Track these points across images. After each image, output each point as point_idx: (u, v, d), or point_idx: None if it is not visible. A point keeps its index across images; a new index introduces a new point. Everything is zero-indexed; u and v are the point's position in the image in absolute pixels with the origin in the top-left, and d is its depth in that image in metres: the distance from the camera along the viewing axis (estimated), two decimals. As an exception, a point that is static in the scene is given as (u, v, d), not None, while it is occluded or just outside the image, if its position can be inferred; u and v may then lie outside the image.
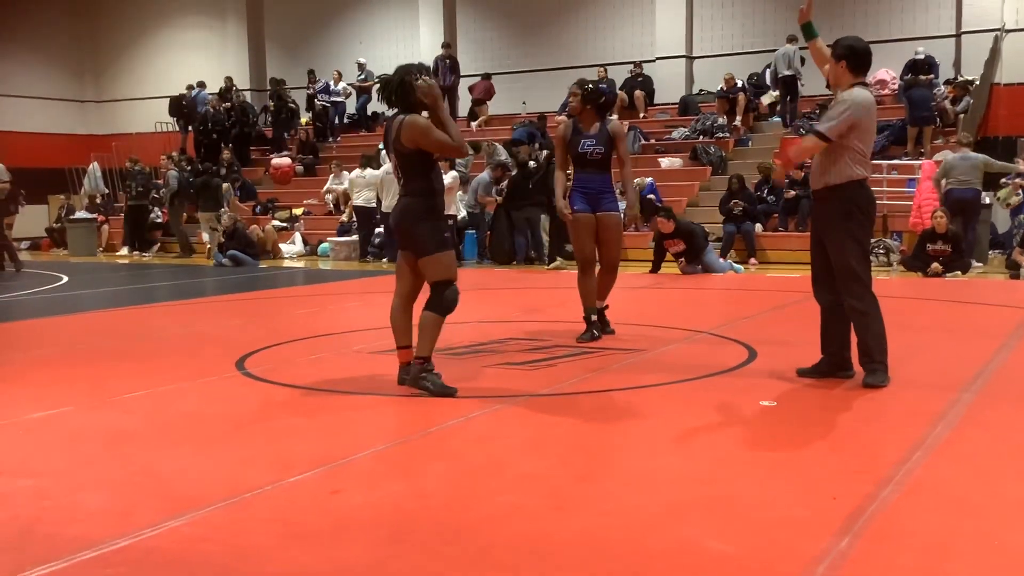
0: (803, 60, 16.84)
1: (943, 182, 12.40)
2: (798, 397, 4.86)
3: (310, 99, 21.28)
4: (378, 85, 5.13)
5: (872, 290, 5.08)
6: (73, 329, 8.16)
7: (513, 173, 14.69)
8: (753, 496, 3.25)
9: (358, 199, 15.21)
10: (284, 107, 21.18)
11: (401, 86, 4.92)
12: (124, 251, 18.19)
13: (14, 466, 3.78)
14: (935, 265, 11.22)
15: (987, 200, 13.17)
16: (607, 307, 6.83)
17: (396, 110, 5.03)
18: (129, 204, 18.40)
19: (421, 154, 4.90)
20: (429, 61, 20.59)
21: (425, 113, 4.94)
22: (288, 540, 2.89)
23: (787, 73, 16.72)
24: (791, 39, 16.91)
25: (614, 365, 5.77)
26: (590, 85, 6.65)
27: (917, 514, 3.06)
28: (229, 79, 21.83)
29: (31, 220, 20.77)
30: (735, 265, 12.80)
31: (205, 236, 17.59)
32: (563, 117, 6.60)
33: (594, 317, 6.63)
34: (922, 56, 16.46)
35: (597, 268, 6.73)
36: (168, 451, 3.97)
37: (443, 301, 4.92)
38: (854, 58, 4.91)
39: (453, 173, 14.54)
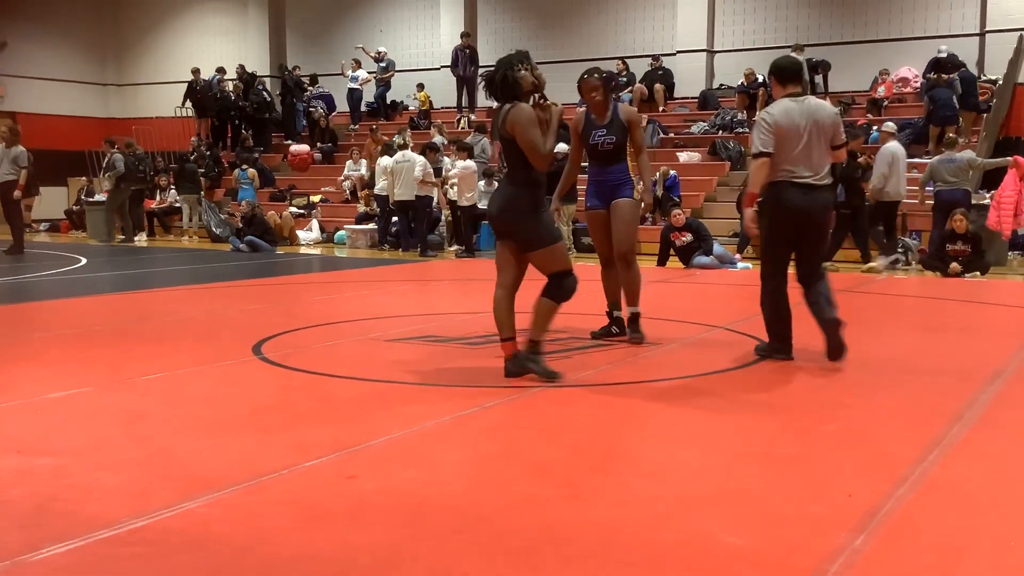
0: (819, 68, 16.74)
1: (927, 185, 12.37)
2: (815, 393, 4.84)
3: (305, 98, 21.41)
4: (483, 80, 5.18)
5: (771, 280, 5.72)
6: (91, 310, 8.21)
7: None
8: (768, 491, 3.25)
9: (381, 187, 15.20)
10: (292, 94, 21.27)
11: (504, 81, 4.92)
12: (143, 236, 18.31)
13: (33, 444, 3.81)
14: (954, 265, 11.15)
15: (986, 199, 13.06)
16: (636, 314, 6.28)
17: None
18: (132, 189, 18.54)
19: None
20: (448, 50, 20.61)
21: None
22: (304, 523, 2.90)
23: None
24: (796, 48, 16.78)
25: (629, 358, 5.77)
26: (596, 73, 6.29)
27: (933, 513, 3.05)
28: (242, 67, 21.86)
29: (50, 202, 20.89)
30: (742, 263, 12.81)
31: (185, 219, 18.09)
32: (581, 108, 6.40)
33: (617, 313, 6.44)
34: (945, 55, 16.33)
35: None
36: (185, 433, 3.99)
37: (563, 290, 4.97)
38: (780, 73, 5.53)
39: (470, 163, 14.54)
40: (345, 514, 2.99)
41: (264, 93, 21.19)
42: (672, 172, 15.06)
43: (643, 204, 6.30)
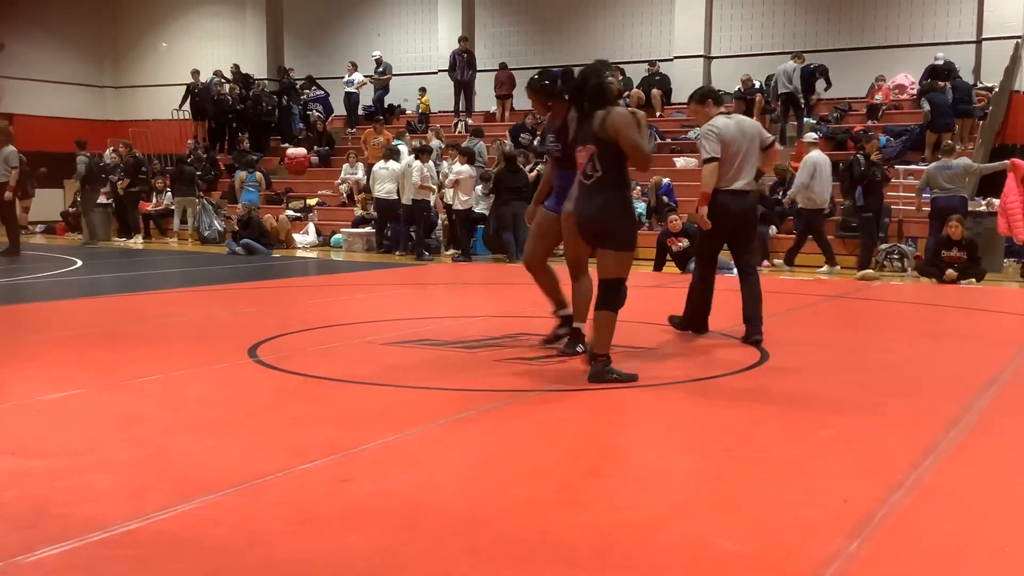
0: (815, 76, 16.78)
1: (925, 192, 12.43)
2: (810, 398, 4.84)
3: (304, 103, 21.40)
4: (572, 84, 5.33)
5: (705, 268, 6.64)
6: (87, 313, 8.20)
7: (500, 167, 14.55)
8: (763, 496, 3.25)
9: (380, 191, 15.19)
10: (286, 96, 21.28)
11: (597, 88, 5.10)
12: (138, 238, 18.31)
13: (28, 446, 3.80)
14: (950, 272, 11.17)
15: (982, 207, 13.09)
16: (577, 330, 5.86)
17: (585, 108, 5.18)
18: (129, 192, 18.56)
19: (619, 147, 5.05)
20: (446, 54, 20.63)
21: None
22: (298, 526, 2.90)
23: (786, 89, 16.55)
24: (795, 56, 16.81)
25: (626, 362, 5.76)
26: (536, 76, 6.02)
27: (928, 518, 3.05)
28: (236, 67, 21.84)
29: (47, 204, 20.86)
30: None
31: (177, 221, 18.18)
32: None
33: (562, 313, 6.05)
34: (941, 62, 16.37)
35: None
36: (180, 435, 3.99)
37: (619, 299, 5.16)
38: (713, 96, 6.59)
39: (467, 167, 14.54)
40: (340, 517, 2.99)
41: (272, 97, 21.21)
42: (665, 180, 15.08)
43: None
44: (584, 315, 5.73)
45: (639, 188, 14.85)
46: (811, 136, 13.46)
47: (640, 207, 14.80)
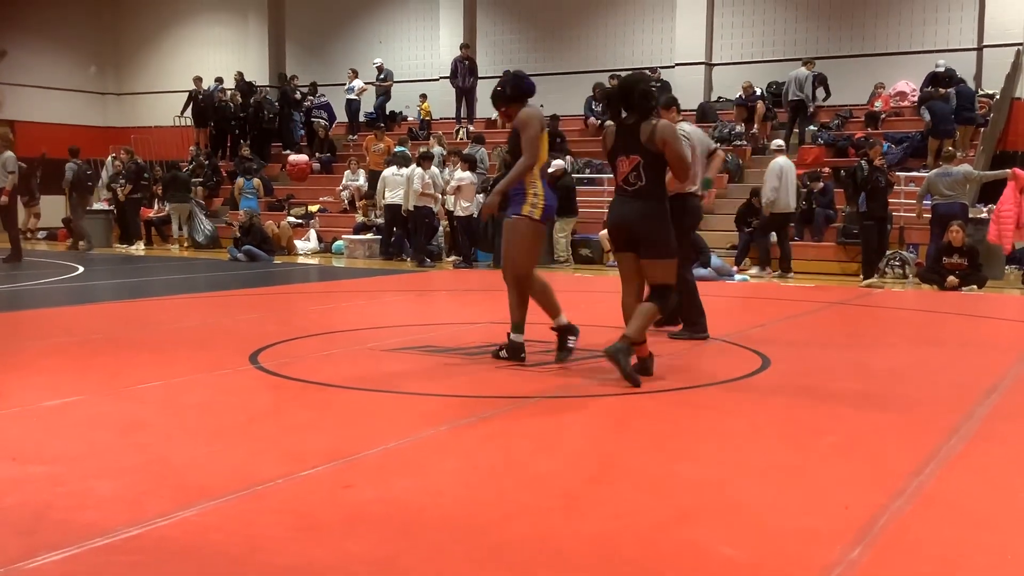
0: (815, 84, 16.81)
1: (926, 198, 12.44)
2: (811, 405, 4.84)
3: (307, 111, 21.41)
4: (614, 92, 5.42)
5: (684, 270, 6.70)
6: (88, 319, 8.20)
7: (501, 174, 14.56)
8: (764, 503, 3.24)
9: (393, 197, 15.19)
10: (290, 104, 21.33)
11: (644, 95, 5.24)
12: (140, 245, 18.32)
13: (28, 452, 3.80)
14: (951, 278, 11.16)
15: (984, 213, 13.08)
16: (510, 340, 5.82)
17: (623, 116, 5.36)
18: (131, 198, 18.59)
19: (663, 158, 5.22)
20: (447, 61, 20.65)
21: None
22: (299, 532, 2.90)
23: (797, 97, 16.56)
24: (806, 63, 16.82)
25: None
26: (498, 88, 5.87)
27: (929, 526, 3.05)
28: (240, 74, 21.92)
29: (49, 211, 20.89)
30: (739, 275, 12.87)
31: (175, 227, 18.25)
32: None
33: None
34: (943, 69, 16.38)
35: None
36: (181, 442, 3.99)
37: (669, 302, 5.40)
38: (676, 103, 7.06)
39: (468, 173, 14.55)
40: (341, 524, 2.99)
41: (274, 104, 21.24)
42: None
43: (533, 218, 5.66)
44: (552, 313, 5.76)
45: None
46: (777, 143, 13.93)
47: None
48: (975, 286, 11.17)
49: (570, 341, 5.79)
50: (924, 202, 12.55)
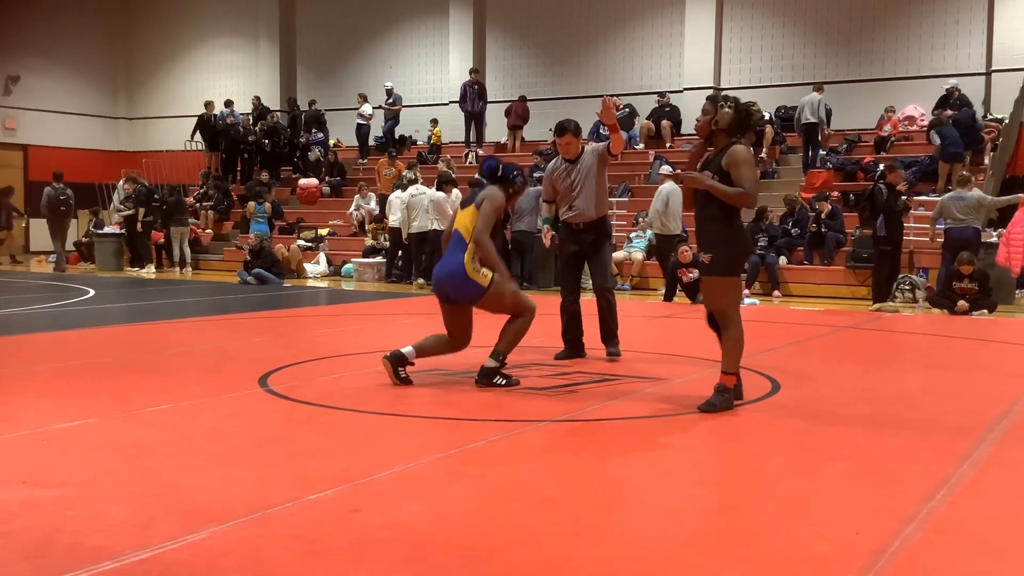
0: (829, 110, 16.85)
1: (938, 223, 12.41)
2: (822, 430, 4.82)
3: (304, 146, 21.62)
4: (728, 108, 5.41)
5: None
6: (98, 342, 8.23)
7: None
8: (775, 529, 3.23)
9: (395, 222, 15.21)
10: (297, 129, 21.56)
11: (747, 116, 5.31)
12: (151, 268, 18.39)
13: (38, 475, 3.81)
14: (962, 303, 11.13)
15: (993, 237, 13.04)
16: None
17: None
18: (142, 221, 18.70)
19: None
20: (457, 86, 20.78)
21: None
22: (308, 557, 2.89)
23: (809, 120, 16.57)
24: (816, 88, 16.85)
25: (635, 393, 5.75)
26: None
27: (941, 553, 3.02)
28: (257, 99, 22.15)
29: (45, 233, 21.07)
30: (749, 299, 12.84)
31: (175, 250, 18.40)
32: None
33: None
34: (956, 92, 16.39)
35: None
36: (190, 465, 3.99)
37: (732, 333, 5.30)
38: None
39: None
40: (349, 548, 2.98)
41: (287, 129, 21.42)
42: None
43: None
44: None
45: (642, 219, 14.98)
46: (666, 168, 14.30)
47: (644, 239, 14.80)
48: (986, 310, 11.13)
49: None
50: (937, 226, 12.52)
